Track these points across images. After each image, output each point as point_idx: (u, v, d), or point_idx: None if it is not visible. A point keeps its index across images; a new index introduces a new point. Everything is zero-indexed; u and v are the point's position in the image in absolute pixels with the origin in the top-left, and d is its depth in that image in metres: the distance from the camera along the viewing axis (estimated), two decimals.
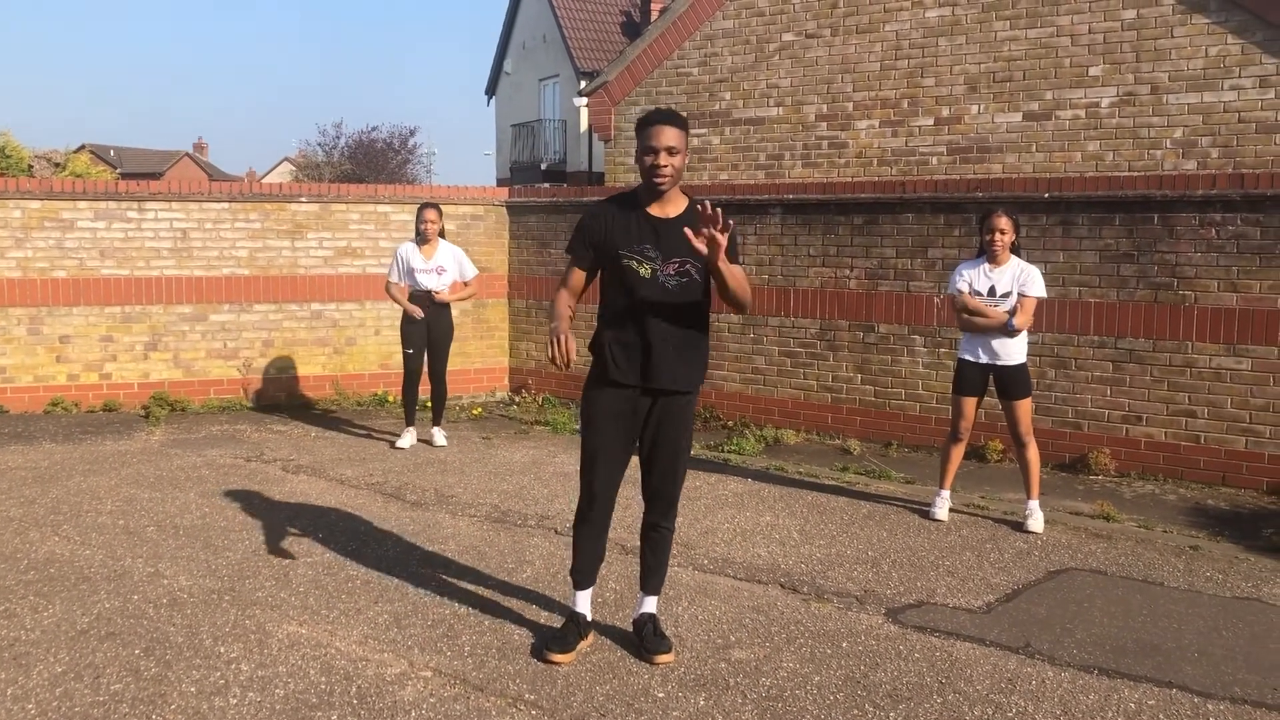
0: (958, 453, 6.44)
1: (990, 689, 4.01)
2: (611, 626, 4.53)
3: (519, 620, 4.61)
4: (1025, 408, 6.22)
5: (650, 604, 4.34)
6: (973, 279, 6.22)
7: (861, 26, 11.26)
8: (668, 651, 4.18)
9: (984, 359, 6.21)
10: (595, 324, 4.23)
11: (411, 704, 3.81)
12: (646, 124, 3.97)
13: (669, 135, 3.93)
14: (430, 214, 8.32)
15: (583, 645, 4.24)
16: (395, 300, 8.40)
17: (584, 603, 4.30)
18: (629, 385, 4.10)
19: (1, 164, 17.99)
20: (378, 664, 4.14)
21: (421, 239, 8.31)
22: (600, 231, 4.09)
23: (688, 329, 4.10)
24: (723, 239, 3.82)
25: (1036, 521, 6.17)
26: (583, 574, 4.31)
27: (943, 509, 6.40)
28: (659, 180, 3.96)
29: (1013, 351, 6.17)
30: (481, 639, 4.40)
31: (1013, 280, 6.12)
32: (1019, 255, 6.29)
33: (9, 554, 5.45)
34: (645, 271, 4.02)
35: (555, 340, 3.88)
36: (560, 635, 4.22)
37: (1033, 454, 6.26)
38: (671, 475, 4.23)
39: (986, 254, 6.20)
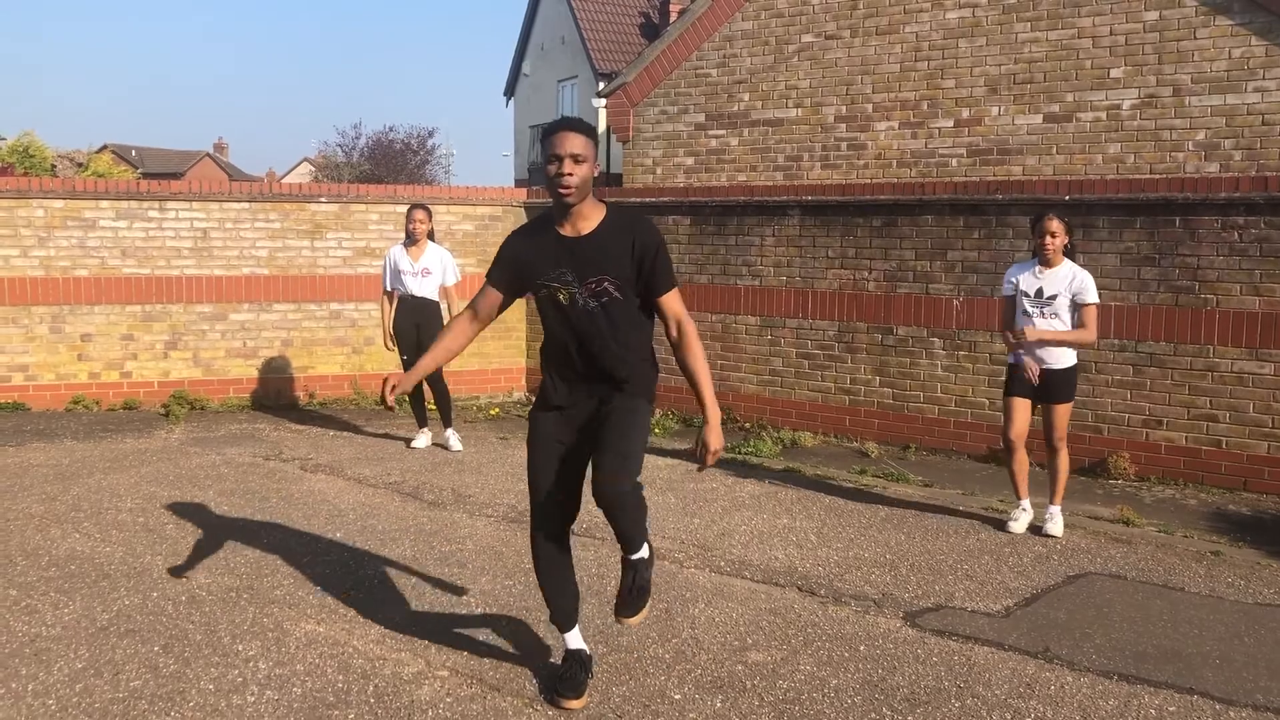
0: (1017, 462, 6.23)
1: (1009, 693, 3.99)
2: (627, 628, 4.53)
3: (536, 620, 4.61)
4: (1064, 413, 6.13)
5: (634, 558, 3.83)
6: (1021, 281, 6.17)
7: (881, 28, 11.22)
8: (635, 613, 3.79)
9: (1043, 364, 6.15)
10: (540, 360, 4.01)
11: (428, 703, 3.82)
12: (550, 132, 3.70)
13: (573, 142, 3.62)
14: (419, 214, 8.25)
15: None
16: (384, 319, 8.39)
17: (576, 640, 4.01)
18: (569, 406, 3.86)
19: (25, 163, 18.12)
20: (395, 663, 4.15)
21: (410, 239, 8.25)
22: (516, 261, 3.83)
23: (622, 350, 3.76)
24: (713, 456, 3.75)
25: (1056, 525, 6.12)
26: (562, 615, 3.98)
27: (1019, 521, 6.21)
28: (563, 191, 3.64)
29: (1060, 355, 6.10)
30: (498, 639, 4.40)
31: (1063, 284, 6.02)
32: (1074, 259, 6.22)
33: (31, 550, 5.49)
34: (564, 297, 3.73)
35: (385, 383, 3.88)
36: (569, 676, 3.89)
37: (1063, 461, 6.19)
38: (618, 439, 3.69)
39: (1038, 256, 6.14)
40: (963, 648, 4.42)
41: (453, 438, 8.40)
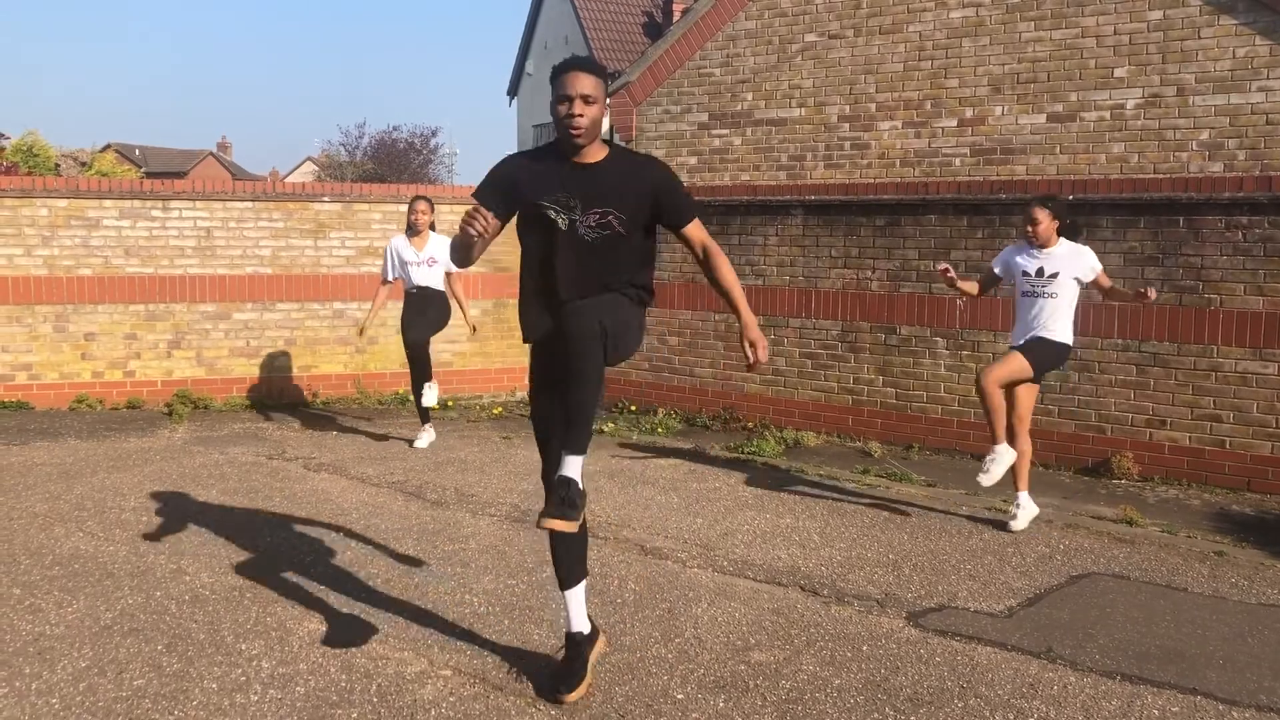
0: (998, 419, 6.16)
1: (1012, 694, 3.99)
2: (630, 628, 4.53)
3: (539, 620, 4.61)
4: (1023, 393, 6.10)
5: (568, 464, 3.54)
6: (1020, 260, 6.21)
7: (885, 27, 11.21)
8: (570, 518, 3.47)
9: (1013, 343, 6.18)
10: (518, 296, 3.89)
11: (431, 702, 3.82)
12: (560, 72, 3.60)
13: (584, 82, 3.56)
14: (421, 205, 8.32)
15: (593, 655, 3.96)
16: (374, 306, 8.44)
17: (578, 614, 3.91)
18: (549, 340, 3.73)
19: (29, 163, 18.13)
20: (398, 662, 4.15)
21: (412, 230, 8.30)
22: (513, 179, 3.71)
23: (610, 288, 3.65)
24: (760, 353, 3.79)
25: (1020, 518, 6.14)
26: (564, 569, 3.88)
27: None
28: (574, 131, 3.56)
29: (1052, 327, 6.07)
30: (501, 638, 4.40)
31: (1063, 262, 6.06)
32: (1076, 237, 6.23)
33: (35, 549, 5.50)
34: (562, 222, 3.62)
35: (469, 216, 3.49)
36: (566, 671, 3.84)
37: (1022, 447, 6.16)
38: (575, 387, 3.51)
39: (1028, 243, 6.20)
40: (966, 648, 4.41)
41: (424, 435, 8.32)
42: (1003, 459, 6.07)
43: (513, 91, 39.71)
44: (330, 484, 7.06)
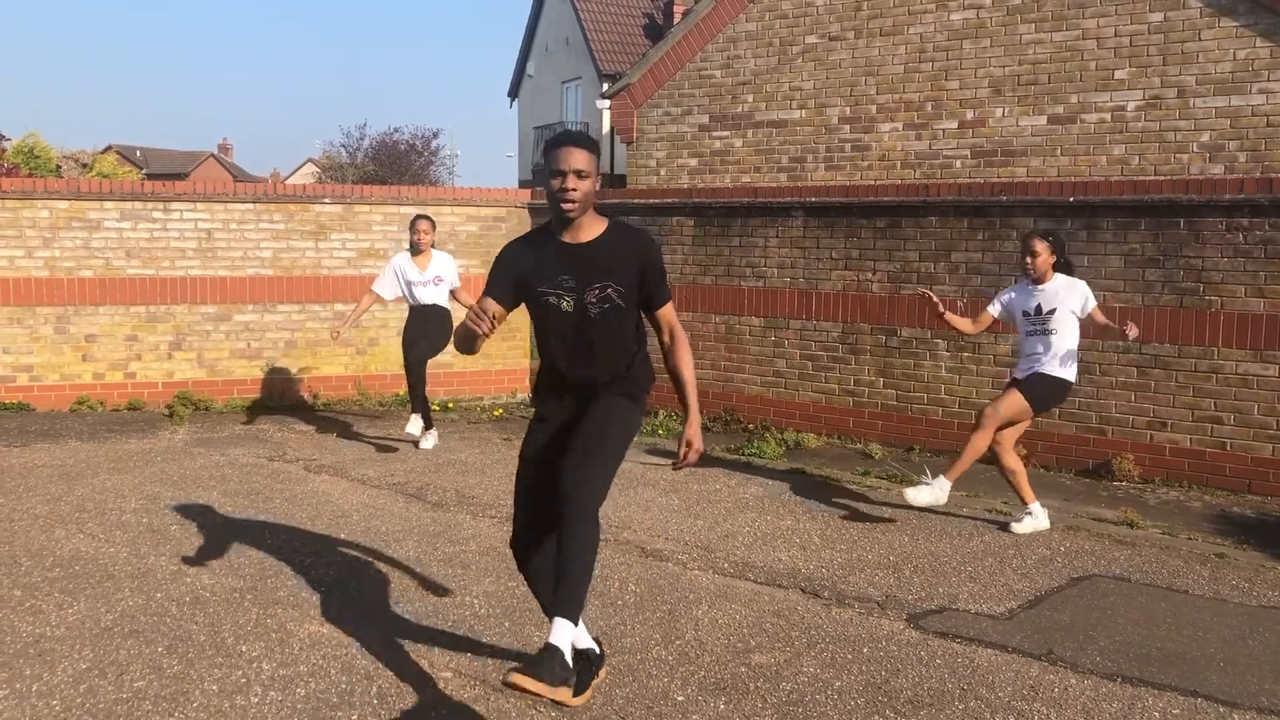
0: (1005, 467, 6.26)
1: (1012, 696, 3.99)
2: (631, 630, 4.53)
3: (539, 622, 4.61)
4: (1016, 402, 6.10)
5: (558, 630, 3.34)
6: (1015, 300, 6.22)
7: (885, 29, 11.22)
8: (543, 681, 3.23)
9: (1017, 375, 6.19)
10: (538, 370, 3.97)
11: (431, 704, 3.82)
12: (553, 146, 3.69)
13: (577, 158, 3.63)
14: (424, 225, 8.27)
15: (597, 682, 3.89)
16: (357, 310, 8.38)
17: (583, 637, 3.81)
18: (553, 418, 3.86)
19: (30, 164, 18.15)
20: (398, 664, 4.15)
21: (414, 249, 8.25)
22: (515, 271, 3.78)
23: (620, 358, 3.79)
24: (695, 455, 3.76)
25: (924, 493, 6.19)
26: (549, 605, 3.73)
27: (1023, 522, 6.21)
28: (565, 206, 3.64)
29: (1053, 364, 6.09)
30: (502, 640, 4.40)
31: (1058, 298, 6.07)
32: (1071, 272, 6.24)
33: (35, 551, 5.50)
34: (567, 304, 3.72)
35: (476, 314, 3.55)
36: (538, 661, 3.37)
37: (975, 440, 6.15)
38: (581, 462, 3.55)
39: (1026, 274, 6.20)
40: (966, 650, 4.41)
41: (414, 423, 8.26)
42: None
43: (513, 93, 39.71)
44: (331, 486, 7.07)
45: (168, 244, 9.88)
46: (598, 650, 3.94)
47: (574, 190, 3.64)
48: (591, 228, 3.77)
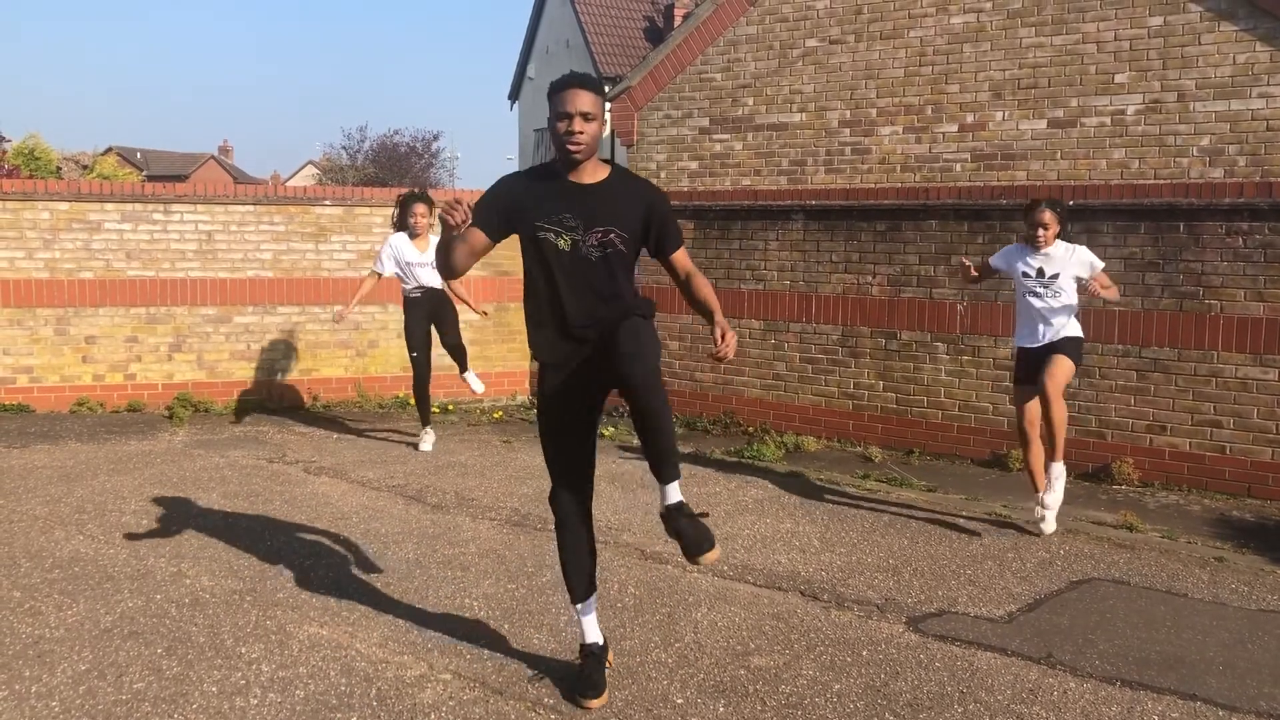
0: (1035, 456, 6.27)
1: (1012, 699, 3.99)
2: (630, 632, 4.53)
3: (539, 624, 4.62)
4: (1065, 364, 6.10)
5: (672, 492, 3.60)
6: (1020, 261, 6.24)
7: (885, 33, 11.22)
8: (712, 548, 3.54)
9: (1044, 339, 6.17)
10: (525, 319, 3.89)
11: (431, 706, 3.82)
12: (559, 88, 3.61)
13: (583, 100, 3.57)
14: (420, 208, 8.17)
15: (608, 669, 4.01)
16: (359, 292, 8.31)
17: (591, 628, 3.99)
18: (562, 363, 3.79)
19: (31, 166, 18.16)
20: (398, 666, 4.15)
21: (411, 233, 8.17)
22: (513, 199, 3.72)
23: (619, 304, 3.70)
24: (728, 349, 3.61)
25: (1056, 494, 6.18)
26: (576, 582, 3.95)
27: (1048, 521, 6.20)
28: (573, 148, 3.59)
29: (1069, 325, 6.16)
30: (501, 642, 4.40)
31: (1062, 263, 6.12)
32: (1066, 240, 6.29)
33: (35, 552, 5.50)
34: (565, 243, 3.65)
35: (450, 205, 3.56)
36: (588, 677, 3.88)
37: (1055, 415, 6.10)
38: (634, 349, 3.50)
39: (1031, 245, 6.22)
40: (965, 653, 4.41)
41: (426, 441, 8.38)
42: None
43: (514, 96, 39.75)
44: (330, 487, 7.06)
45: (168, 246, 9.89)
46: (602, 642, 4.01)
47: (581, 133, 3.60)
48: (596, 171, 3.73)
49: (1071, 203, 7.76)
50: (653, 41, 29.79)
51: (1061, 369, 6.11)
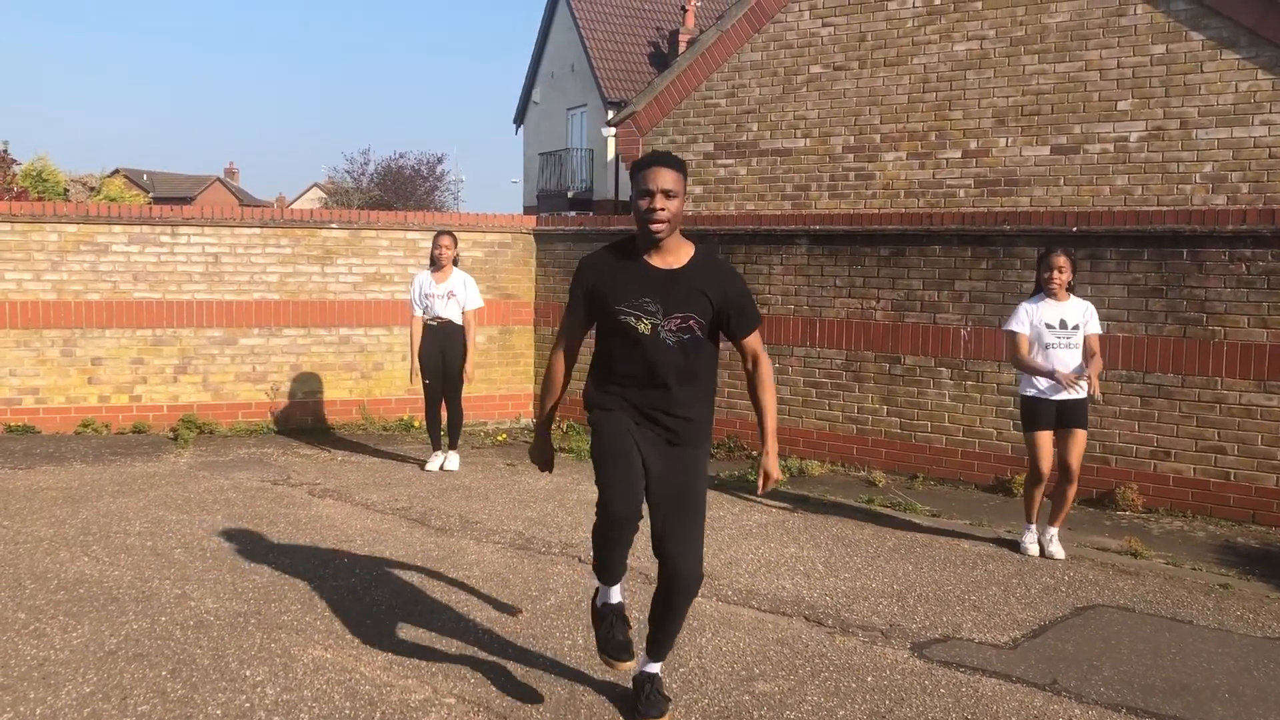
0: (1040, 492, 6.37)
1: None
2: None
3: (543, 647, 4.61)
4: (1083, 438, 6.25)
5: (654, 666, 4.03)
6: (1040, 313, 6.24)
7: (889, 59, 11.30)
8: (661, 716, 3.90)
9: (1054, 396, 6.18)
10: (587, 380, 3.94)
11: None
12: (642, 166, 3.72)
13: (665, 177, 3.66)
14: (445, 240, 8.49)
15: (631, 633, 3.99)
16: (412, 341, 8.56)
17: (616, 593, 4.02)
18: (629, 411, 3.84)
19: (39, 188, 18.24)
20: (402, 690, 4.15)
21: (435, 265, 8.46)
22: (596, 285, 3.81)
23: (690, 390, 3.80)
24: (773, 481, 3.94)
25: (1059, 548, 6.28)
26: (609, 574, 3.95)
27: (1034, 544, 6.36)
28: (654, 226, 3.66)
29: (1082, 382, 6.18)
30: (505, 666, 4.40)
31: (1080, 315, 6.20)
32: (1075, 291, 6.37)
33: (40, 573, 5.51)
34: (645, 328, 3.71)
35: (536, 459, 4.08)
36: (613, 638, 3.90)
37: (1073, 491, 6.30)
38: (681, 524, 3.84)
39: (1045, 291, 6.24)
40: (970, 679, 4.41)
41: (452, 458, 8.59)
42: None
43: (519, 120, 39.93)
44: (335, 510, 7.07)
45: (175, 268, 9.93)
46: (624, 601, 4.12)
47: (663, 210, 3.67)
48: (679, 252, 3.80)
49: (1075, 229, 7.79)
50: (658, 67, 29.95)
51: (1082, 444, 6.25)
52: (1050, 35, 10.23)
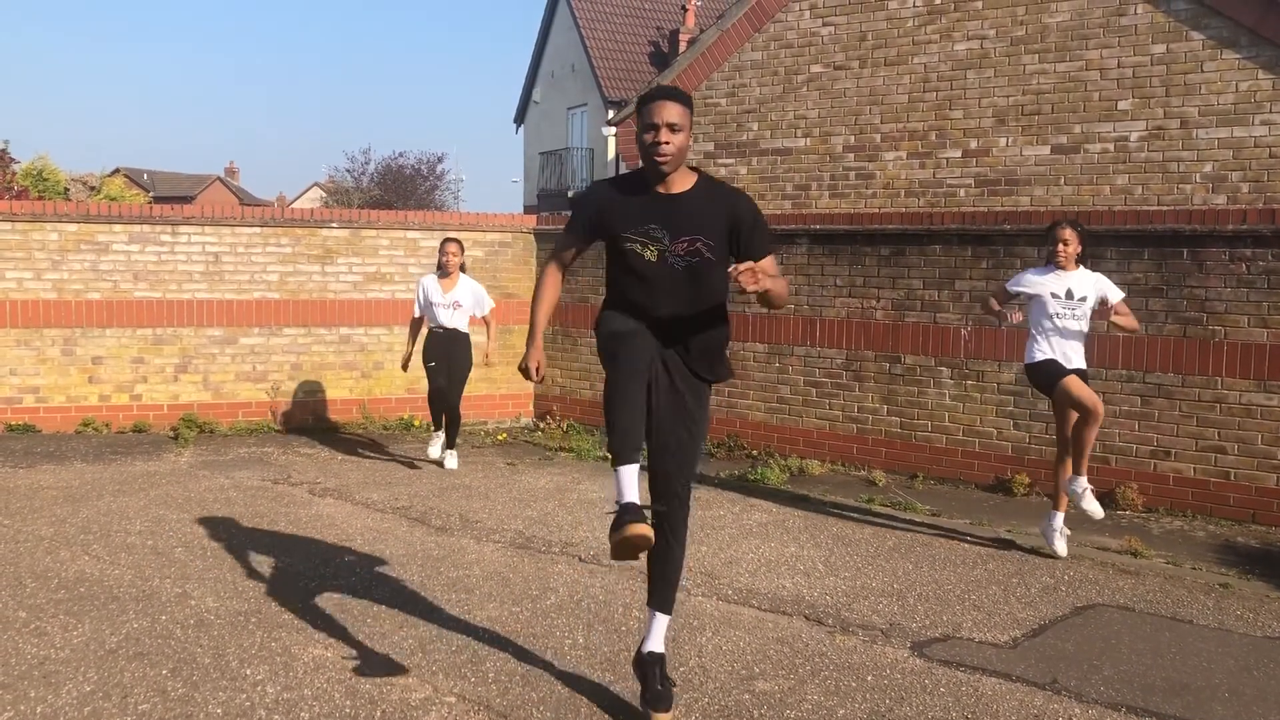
0: (1093, 434, 6.14)
1: None
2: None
3: (543, 647, 4.62)
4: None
5: (658, 633, 3.98)
6: (1046, 283, 6.24)
7: (890, 59, 11.30)
8: (668, 710, 3.87)
9: (1072, 365, 6.17)
10: (599, 313, 3.93)
11: None
12: (647, 100, 3.69)
13: (671, 111, 3.65)
14: (452, 247, 8.45)
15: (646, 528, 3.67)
16: (409, 337, 8.64)
17: (630, 485, 3.69)
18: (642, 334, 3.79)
19: (39, 187, 18.26)
20: (402, 688, 4.15)
21: (442, 271, 8.44)
22: (599, 209, 3.82)
23: (703, 315, 3.78)
24: (751, 277, 3.53)
25: (1093, 503, 6.20)
26: (622, 441, 3.69)
27: (1062, 542, 6.23)
28: (660, 159, 3.65)
29: (1083, 354, 6.25)
30: (505, 665, 4.40)
31: (1089, 287, 6.20)
32: (1086, 266, 6.35)
33: (40, 572, 5.51)
34: (651, 254, 3.72)
35: (529, 362, 4.00)
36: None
37: (1093, 433, 6.15)
38: (679, 462, 3.84)
39: (1053, 263, 6.27)
40: (970, 678, 4.41)
41: (450, 457, 8.57)
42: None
43: (519, 119, 39.94)
44: (335, 509, 7.07)
45: (175, 267, 9.94)
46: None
47: (668, 144, 3.66)
48: (683, 181, 3.78)
49: None
50: (658, 67, 29.95)
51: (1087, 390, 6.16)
52: (1051, 35, 10.23)
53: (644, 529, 3.58)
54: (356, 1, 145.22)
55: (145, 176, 53.93)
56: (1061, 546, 6.23)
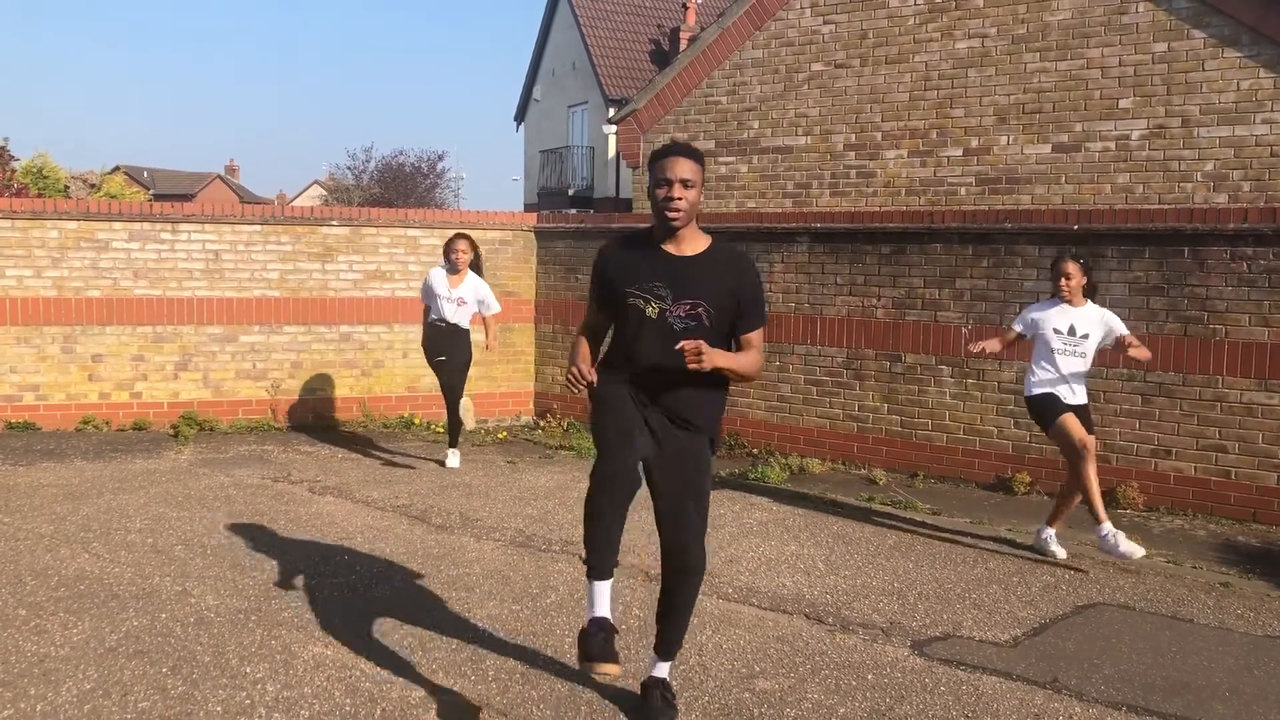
0: (1093, 472, 6.02)
1: None
2: (635, 655, 4.52)
3: (543, 645, 4.62)
4: (1093, 444, 6.11)
5: (662, 668, 3.99)
6: (1049, 318, 6.22)
7: (891, 57, 11.30)
8: None
9: (1073, 400, 6.15)
10: (597, 367, 3.89)
11: None
12: (660, 156, 3.74)
13: (683, 167, 3.69)
14: (461, 244, 8.44)
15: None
16: (424, 326, 8.63)
17: (602, 601, 3.69)
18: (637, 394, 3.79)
19: (39, 184, 18.27)
20: (402, 686, 4.15)
21: (451, 268, 8.43)
22: (605, 275, 3.85)
23: (694, 375, 3.66)
24: (698, 357, 3.55)
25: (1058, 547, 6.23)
26: (598, 559, 3.75)
27: (1127, 542, 5.98)
28: (671, 215, 3.68)
29: (1084, 389, 6.24)
30: (505, 664, 4.40)
31: (1094, 324, 6.16)
32: (1095, 298, 6.35)
33: (40, 570, 5.51)
34: (652, 311, 3.71)
35: (573, 372, 3.67)
36: (595, 638, 3.63)
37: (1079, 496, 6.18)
38: (695, 534, 3.81)
39: (1058, 297, 6.26)
40: (970, 677, 4.41)
41: (452, 455, 8.58)
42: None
43: (519, 117, 39.92)
44: (335, 507, 7.07)
45: (175, 265, 9.93)
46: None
47: (680, 200, 3.69)
48: (694, 241, 3.81)
49: (1076, 227, 7.79)
50: (659, 65, 29.93)
51: (1093, 447, 6.11)
52: (1052, 33, 10.23)
53: (612, 669, 3.60)
54: (356, 1, 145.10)
55: (145, 174, 53.88)
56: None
